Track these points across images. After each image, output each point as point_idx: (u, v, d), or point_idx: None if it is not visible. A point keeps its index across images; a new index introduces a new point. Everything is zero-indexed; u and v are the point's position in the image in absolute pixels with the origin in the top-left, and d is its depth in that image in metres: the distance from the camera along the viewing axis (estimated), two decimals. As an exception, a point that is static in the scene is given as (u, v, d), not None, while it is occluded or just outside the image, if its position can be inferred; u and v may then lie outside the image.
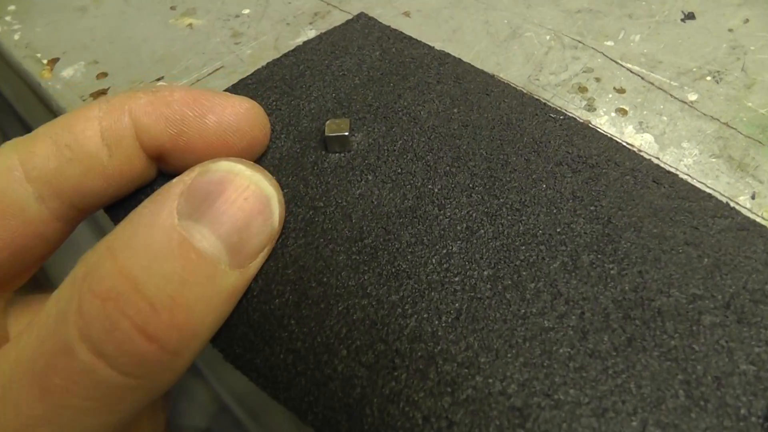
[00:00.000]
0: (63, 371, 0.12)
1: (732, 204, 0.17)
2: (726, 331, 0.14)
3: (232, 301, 0.14)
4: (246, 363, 0.15)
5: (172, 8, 0.24)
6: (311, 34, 0.22)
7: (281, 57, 0.20)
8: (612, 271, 0.15)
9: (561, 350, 0.14)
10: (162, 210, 0.13)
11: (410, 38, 0.21)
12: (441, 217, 0.16)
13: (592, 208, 0.16)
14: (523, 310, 0.14)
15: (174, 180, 0.14)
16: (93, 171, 0.15)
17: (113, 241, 0.13)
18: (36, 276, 0.17)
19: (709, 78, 0.20)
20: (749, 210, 0.17)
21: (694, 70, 0.20)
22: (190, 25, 0.23)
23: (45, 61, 0.22)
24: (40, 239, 0.15)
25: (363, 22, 0.21)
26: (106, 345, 0.12)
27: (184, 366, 0.13)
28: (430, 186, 0.16)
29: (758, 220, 0.17)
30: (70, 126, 0.15)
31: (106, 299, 0.12)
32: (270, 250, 0.15)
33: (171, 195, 0.13)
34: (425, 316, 0.14)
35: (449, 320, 0.14)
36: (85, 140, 0.15)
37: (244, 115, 0.16)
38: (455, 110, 0.18)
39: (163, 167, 0.16)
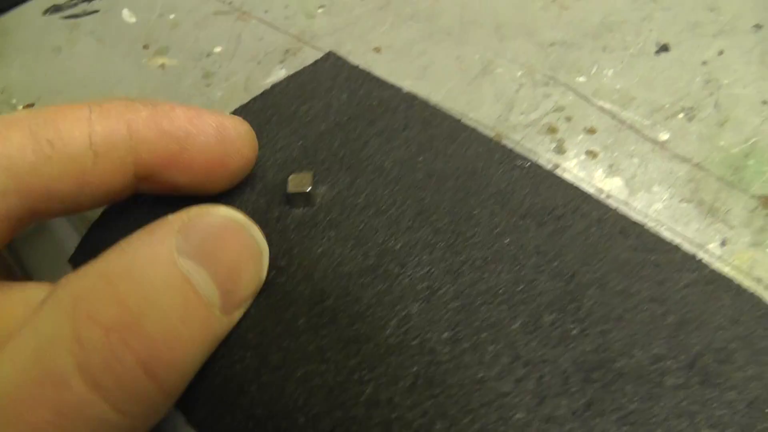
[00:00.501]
0: (53, 404, 0.11)
1: (702, 252, 0.17)
2: (688, 393, 0.14)
3: (215, 346, 0.14)
4: (208, 428, 0.15)
5: (145, 47, 0.24)
6: (282, 73, 0.22)
7: (249, 102, 0.20)
8: (573, 332, 0.15)
9: (517, 416, 0.13)
10: (161, 244, 0.13)
11: (378, 79, 0.20)
12: (402, 276, 0.15)
13: (555, 263, 0.16)
14: (480, 374, 0.14)
15: (170, 216, 0.14)
16: (70, 175, 0.14)
17: (108, 268, 0.12)
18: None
19: (681, 115, 0.20)
20: (719, 258, 0.17)
21: (667, 106, 0.20)
22: (162, 65, 0.23)
23: (20, 107, 0.22)
24: None
25: (332, 62, 0.21)
26: (106, 378, 0.11)
27: (168, 409, 0.13)
28: (391, 243, 0.16)
29: (728, 268, 0.17)
30: (56, 121, 0.14)
31: (110, 329, 0.11)
32: (250, 303, 0.15)
33: (170, 230, 0.13)
34: (382, 381, 0.14)
35: (406, 386, 0.14)
36: (70, 140, 0.14)
37: (245, 135, 0.16)
38: (420, 158, 0.18)
39: (144, 187, 0.16)
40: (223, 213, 0.14)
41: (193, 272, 0.13)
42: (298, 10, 0.25)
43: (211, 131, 0.15)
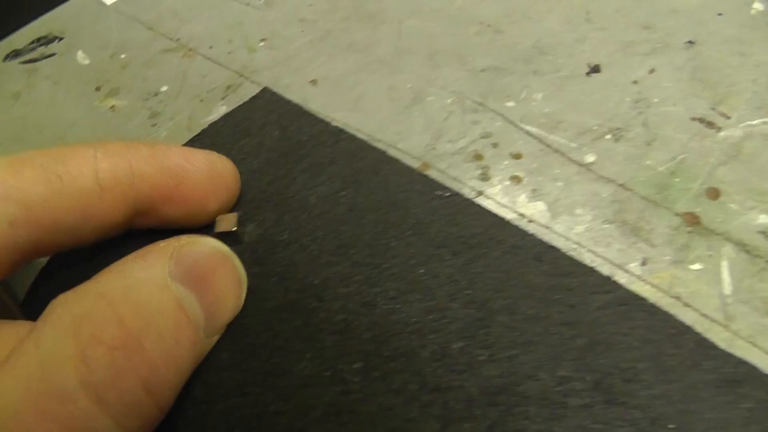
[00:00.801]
0: (59, 419, 0.12)
1: (622, 272, 0.18)
2: (592, 412, 0.15)
3: (196, 365, 0.15)
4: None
5: (98, 89, 0.26)
6: (222, 110, 0.23)
7: (187, 142, 0.21)
8: (481, 358, 0.15)
9: None
10: (154, 268, 0.14)
11: (309, 114, 0.22)
12: (319, 310, 0.17)
13: (468, 292, 0.17)
14: (389, 402, 0.15)
15: (161, 243, 0.15)
16: (77, 208, 0.15)
17: (106, 289, 0.13)
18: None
19: (609, 136, 0.21)
20: (639, 277, 0.18)
21: (595, 128, 0.21)
22: (113, 107, 0.25)
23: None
24: None
25: (266, 99, 0.22)
26: (110, 394, 0.12)
27: (158, 423, 0.14)
28: (311, 278, 0.17)
29: (647, 287, 0.18)
30: (65, 158, 0.15)
31: (113, 348, 0.12)
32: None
33: (162, 255, 0.14)
34: (296, 412, 0.15)
35: (317, 415, 0.15)
36: (79, 175, 0.15)
37: (231, 171, 0.18)
38: (343, 193, 0.19)
39: (140, 222, 0.17)
40: (211, 243, 0.16)
41: (184, 296, 0.14)
42: (240, 44, 0.26)
43: (204, 167, 0.17)
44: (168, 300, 0.14)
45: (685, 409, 0.15)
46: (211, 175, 0.17)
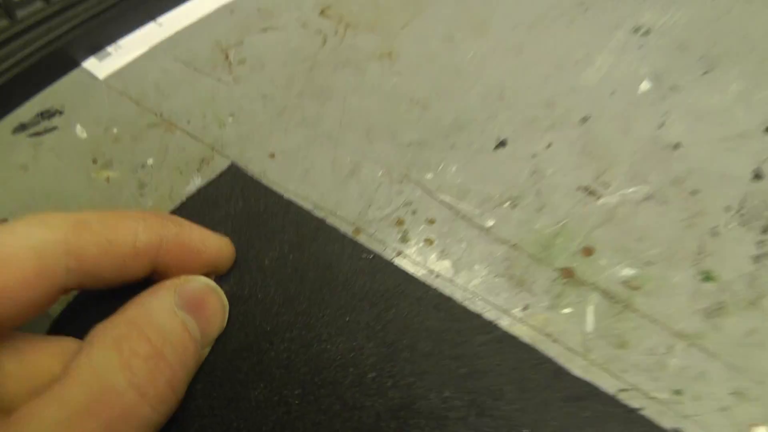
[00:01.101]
0: (113, 407, 0.18)
1: (506, 315, 0.24)
2: (467, 422, 0.21)
3: (196, 370, 0.22)
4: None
5: (94, 161, 0.31)
6: (198, 182, 0.29)
7: (171, 212, 0.28)
8: (387, 384, 0.22)
9: None
10: (165, 300, 0.21)
11: (266, 187, 0.28)
12: (270, 350, 0.23)
13: (381, 334, 0.23)
14: (319, 418, 0.21)
15: (167, 282, 0.22)
16: (117, 267, 0.21)
17: (134, 317, 0.20)
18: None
19: (507, 204, 0.27)
20: (520, 320, 0.24)
21: (496, 197, 0.27)
22: (107, 178, 0.31)
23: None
24: (49, 298, 0.20)
25: (232, 173, 0.29)
26: (148, 389, 0.19)
27: (175, 409, 0.21)
28: (264, 325, 0.23)
29: (525, 328, 0.24)
30: (117, 227, 0.21)
31: (147, 358, 0.19)
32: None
33: (169, 290, 0.22)
34: (253, 429, 0.21)
35: (267, 430, 0.21)
36: (123, 244, 0.21)
37: (232, 251, 0.25)
38: (290, 256, 0.25)
39: (154, 276, 0.23)
40: (203, 280, 0.23)
41: (187, 320, 0.21)
42: (212, 119, 0.32)
43: (214, 250, 0.24)
44: (177, 323, 0.21)
45: (537, 419, 0.21)
46: (218, 255, 0.24)
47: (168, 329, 0.20)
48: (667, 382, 0.22)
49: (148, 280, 0.23)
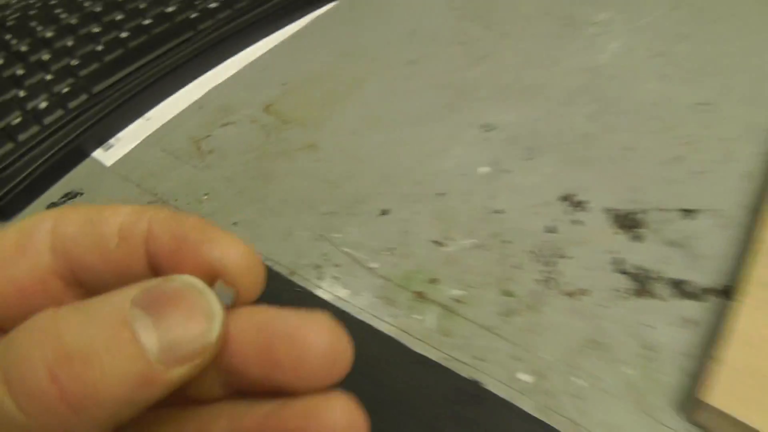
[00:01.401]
0: None
1: (380, 321, 0.41)
2: None
3: (143, 391, 0.16)
4: None
5: None
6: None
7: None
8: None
9: None
10: (120, 292, 0.17)
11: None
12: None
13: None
14: None
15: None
16: (97, 251, 0.19)
17: (68, 311, 0.16)
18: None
19: (385, 253, 0.44)
20: (389, 323, 0.41)
21: (379, 248, 0.44)
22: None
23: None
24: (41, 286, 0.19)
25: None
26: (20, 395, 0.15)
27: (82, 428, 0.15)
28: None
29: (393, 328, 0.41)
30: (102, 210, 0.20)
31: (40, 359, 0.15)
32: (202, 366, 0.17)
33: (133, 285, 0.17)
34: None
35: None
36: (106, 223, 0.19)
37: (256, 261, 0.21)
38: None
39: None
40: (186, 278, 0.18)
41: (138, 317, 0.16)
42: (193, 198, 0.48)
43: (221, 250, 0.19)
44: (115, 315, 0.16)
45: (382, 377, 0.38)
46: (229, 259, 0.20)
47: (99, 318, 0.16)
48: (469, 352, 0.39)
49: None
